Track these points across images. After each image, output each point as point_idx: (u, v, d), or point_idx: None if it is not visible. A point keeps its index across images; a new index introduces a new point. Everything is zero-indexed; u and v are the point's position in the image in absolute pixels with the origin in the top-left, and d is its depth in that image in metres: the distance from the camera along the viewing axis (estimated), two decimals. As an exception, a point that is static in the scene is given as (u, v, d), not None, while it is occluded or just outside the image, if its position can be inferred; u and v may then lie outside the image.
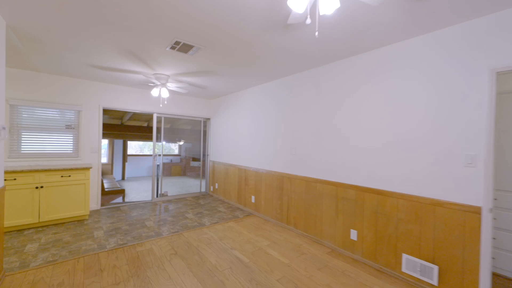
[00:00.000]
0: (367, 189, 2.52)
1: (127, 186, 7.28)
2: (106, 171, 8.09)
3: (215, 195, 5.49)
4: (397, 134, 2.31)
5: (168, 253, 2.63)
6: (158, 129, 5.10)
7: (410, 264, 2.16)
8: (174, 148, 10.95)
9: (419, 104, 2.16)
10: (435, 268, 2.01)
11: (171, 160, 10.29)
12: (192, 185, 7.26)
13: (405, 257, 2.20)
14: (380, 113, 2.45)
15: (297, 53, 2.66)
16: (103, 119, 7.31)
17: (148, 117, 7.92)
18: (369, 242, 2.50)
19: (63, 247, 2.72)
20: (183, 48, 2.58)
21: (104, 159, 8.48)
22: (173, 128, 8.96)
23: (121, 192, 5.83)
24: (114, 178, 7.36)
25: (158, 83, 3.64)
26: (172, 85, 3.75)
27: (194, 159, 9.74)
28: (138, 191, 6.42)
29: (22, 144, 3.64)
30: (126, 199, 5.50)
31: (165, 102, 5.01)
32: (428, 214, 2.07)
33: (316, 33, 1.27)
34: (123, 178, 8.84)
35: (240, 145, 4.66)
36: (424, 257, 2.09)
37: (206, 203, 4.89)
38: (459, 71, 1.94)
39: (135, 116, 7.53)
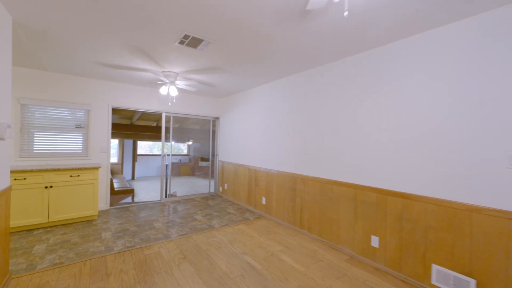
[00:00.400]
0: (390, 192, 2.31)
1: (137, 186, 7.28)
2: (116, 171, 8.13)
3: (224, 195, 5.36)
4: (423, 132, 2.09)
5: (177, 257, 2.51)
6: (167, 129, 5.02)
7: (441, 276, 1.95)
8: (183, 148, 10.95)
9: (455, 98, 1.94)
10: (472, 282, 1.78)
11: (180, 160, 10.28)
12: (201, 186, 7.18)
13: (435, 268, 1.98)
14: (408, 109, 2.24)
15: (312, 45, 2.48)
16: (113, 119, 7.35)
17: (157, 116, 7.91)
18: (392, 250, 2.29)
19: (71, 249, 2.65)
20: (192, 42, 2.46)
21: (114, 159, 8.54)
22: (182, 128, 8.93)
23: (131, 192, 5.81)
24: (124, 178, 7.38)
25: (167, 81, 3.54)
26: (180, 83, 3.65)
27: (203, 159, 9.68)
28: (147, 191, 6.40)
29: (33, 143, 3.63)
30: (136, 199, 5.47)
31: (174, 101, 4.93)
32: (463, 221, 1.85)
33: (346, 13, 1.10)
34: (133, 178, 8.89)
35: (250, 144, 4.51)
36: (458, 269, 1.87)
37: (215, 204, 4.77)
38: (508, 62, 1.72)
39: (144, 116, 7.53)
